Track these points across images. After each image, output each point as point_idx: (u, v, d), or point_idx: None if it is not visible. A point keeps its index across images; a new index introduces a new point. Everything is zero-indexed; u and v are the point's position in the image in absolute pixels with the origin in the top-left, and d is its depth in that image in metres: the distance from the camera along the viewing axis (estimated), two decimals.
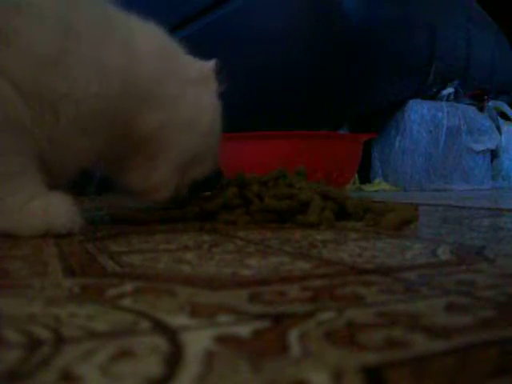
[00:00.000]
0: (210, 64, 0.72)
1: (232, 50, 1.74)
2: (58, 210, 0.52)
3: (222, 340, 0.21)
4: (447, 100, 1.94)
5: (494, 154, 2.04)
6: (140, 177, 0.66)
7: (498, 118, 2.07)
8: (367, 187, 1.84)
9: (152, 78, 0.61)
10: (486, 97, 2.04)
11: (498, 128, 2.03)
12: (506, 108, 2.14)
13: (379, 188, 1.85)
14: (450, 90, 1.94)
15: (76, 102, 0.52)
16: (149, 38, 0.63)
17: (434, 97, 1.94)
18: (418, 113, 1.86)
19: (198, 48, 0.71)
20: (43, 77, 0.50)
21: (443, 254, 0.41)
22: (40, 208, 0.51)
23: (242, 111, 0.69)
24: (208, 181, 0.74)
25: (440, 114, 1.88)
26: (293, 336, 0.21)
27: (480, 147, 1.95)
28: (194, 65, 0.69)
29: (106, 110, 0.56)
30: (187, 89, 0.66)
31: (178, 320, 0.23)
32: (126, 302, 0.27)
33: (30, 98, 0.49)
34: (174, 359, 0.18)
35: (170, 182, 0.67)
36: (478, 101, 2.03)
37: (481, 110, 2.02)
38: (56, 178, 0.56)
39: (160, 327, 0.22)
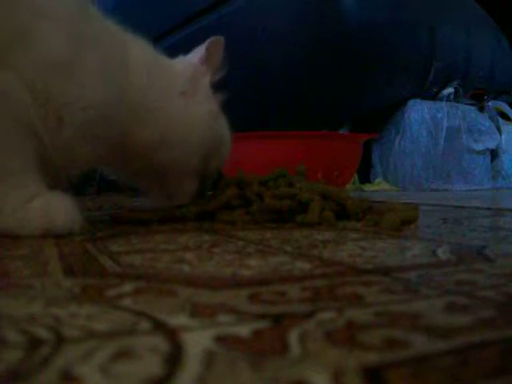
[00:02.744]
0: (195, 61, 0.70)
1: (231, 50, 1.74)
2: (58, 209, 0.52)
3: (222, 340, 0.21)
4: (447, 100, 1.94)
5: (493, 154, 2.04)
6: (151, 186, 0.71)
7: (498, 118, 2.07)
8: (367, 187, 1.84)
9: (143, 94, 0.61)
10: (485, 97, 2.04)
11: (498, 128, 2.03)
12: (506, 108, 2.14)
13: (379, 188, 1.85)
14: (450, 89, 1.94)
15: (81, 108, 0.53)
16: (140, 53, 0.63)
17: (434, 97, 1.94)
18: (418, 113, 1.86)
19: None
20: (54, 81, 0.51)
21: (443, 253, 0.41)
22: (40, 208, 0.51)
23: (242, 111, 0.68)
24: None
25: (440, 114, 1.88)
26: (293, 336, 0.21)
27: (480, 147, 1.95)
28: (180, 74, 0.68)
29: (106, 118, 0.56)
30: (176, 103, 0.65)
31: (178, 320, 0.23)
32: (126, 301, 0.27)
33: (40, 100, 0.50)
34: (174, 359, 0.18)
35: (184, 189, 0.69)
36: (478, 101, 2.03)
37: (481, 110, 2.02)
38: (58, 179, 0.56)
39: (160, 327, 0.22)
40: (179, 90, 0.66)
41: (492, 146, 1.98)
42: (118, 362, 0.18)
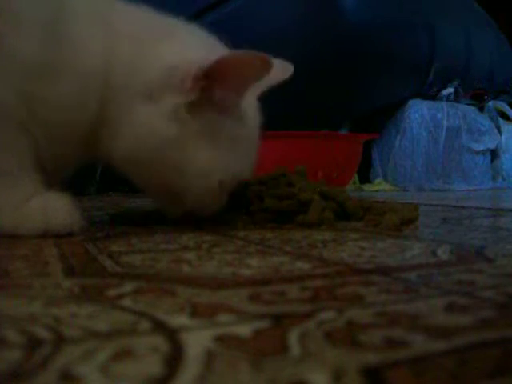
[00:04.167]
0: (193, 64, 0.51)
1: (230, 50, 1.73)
2: (57, 209, 0.52)
3: (222, 340, 0.21)
4: (447, 100, 1.94)
5: (493, 154, 2.04)
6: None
7: (498, 118, 2.07)
8: (367, 187, 1.84)
9: (116, 93, 0.53)
10: (485, 97, 2.04)
11: (498, 128, 2.03)
12: (506, 108, 2.14)
13: (379, 188, 1.85)
14: (450, 89, 1.94)
15: (57, 109, 0.51)
16: (123, 40, 0.54)
17: (434, 97, 1.94)
18: (418, 113, 1.86)
19: None
20: (31, 83, 0.50)
21: (443, 254, 0.41)
22: (39, 208, 0.51)
23: None
24: None
25: (440, 114, 1.88)
26: (293, 336, 0.21)
27: (480, 147, 1.95)
28: (159, 71, 0.53)
29: (80, 123, 0.53)
30: (135, 107, 0.53)
31: (178, 320, 0.23)
32: (126, 302, 0.27)
33: (24, 101, 0.50)
34: (174, 359, 0.18)
35: (161, 203, 0.62)
36: (478, 101, 2.03)
37: (481, 110, 2.02)
38: (54, 177, 0.56)
39: (160, 327, 0.22)
40: (144, 91, 0.53)
41: (492, 146, 1.98)
42: (118, 361, 0.18)
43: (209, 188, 0.56)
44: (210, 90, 0.52)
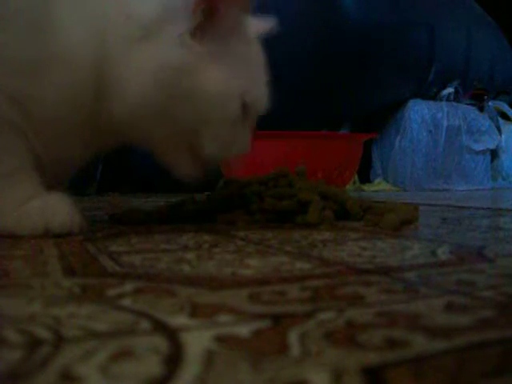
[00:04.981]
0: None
1: None
2: (56, 209, 0.52)
3: (222, 340, 0.21)
4: (447, 100, 1.94)
5: (493, 154, 2.04)
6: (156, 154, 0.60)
7: (498, 118, 2.07)
8: (367, 187, 1.84)
9: (114, 62, 0.52)
10: (485, 97, 2.04)
11: (498, 128, 2.03)
12: (506, 108, 2.14)
13: (379, 188, 1.85)
14: (450, 89, 1.94)
15: (49, 105, 0.51)
16: (109, 10, 0.52)
17: (433, 97, 1.94)
18: (418, 113, 1.86)
19: None
20: (15, 82, 0.49)
21: (443, 254, 0.41)
22: (38, 208, 0.51)
23: None
24: (208, 181, 0.74)
25: (440, 114, 1.88)
26: (293, 336, 0.21)
27: (480, 147, 1.95)
28: (149, 12, 0.52)
29: (79, 112, 0.52)
30: (129, 52, 0.51)
31: (178, 320, 0.23)
32: (126, 302, 0.27)
33: (14, 100, 0.49)
34: (174, 359, 0.18)
35: (177, 162, 0.59)
36: (478, 101, 2.03)
37: (481, 110, 2.02)
38: (54, 177, 0.56)
39: (160, 327, 0.22)
40: (138, 34, 0.52)
41: (492, 146, 1.98)
42: (118, 361, 0.18)
43: (230, 116, 0.55)
44: (212, 9, 0.52)
